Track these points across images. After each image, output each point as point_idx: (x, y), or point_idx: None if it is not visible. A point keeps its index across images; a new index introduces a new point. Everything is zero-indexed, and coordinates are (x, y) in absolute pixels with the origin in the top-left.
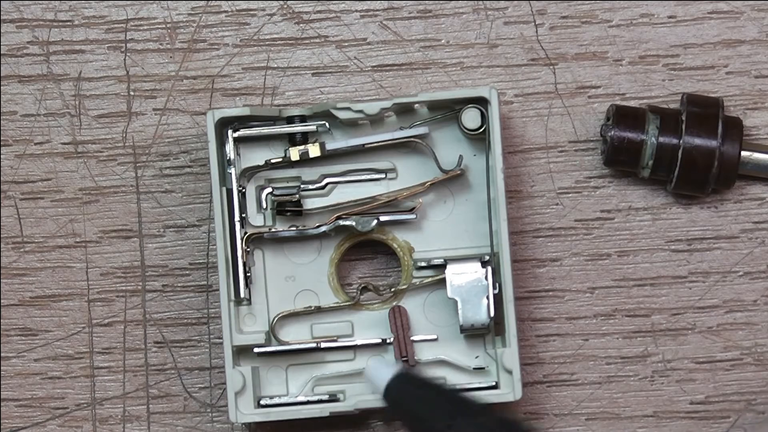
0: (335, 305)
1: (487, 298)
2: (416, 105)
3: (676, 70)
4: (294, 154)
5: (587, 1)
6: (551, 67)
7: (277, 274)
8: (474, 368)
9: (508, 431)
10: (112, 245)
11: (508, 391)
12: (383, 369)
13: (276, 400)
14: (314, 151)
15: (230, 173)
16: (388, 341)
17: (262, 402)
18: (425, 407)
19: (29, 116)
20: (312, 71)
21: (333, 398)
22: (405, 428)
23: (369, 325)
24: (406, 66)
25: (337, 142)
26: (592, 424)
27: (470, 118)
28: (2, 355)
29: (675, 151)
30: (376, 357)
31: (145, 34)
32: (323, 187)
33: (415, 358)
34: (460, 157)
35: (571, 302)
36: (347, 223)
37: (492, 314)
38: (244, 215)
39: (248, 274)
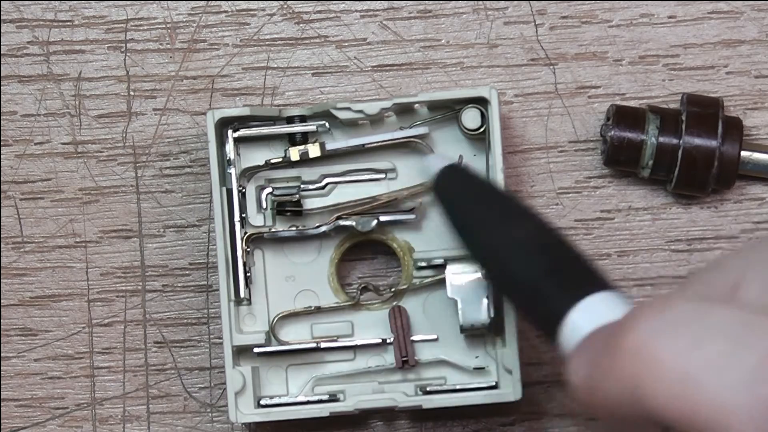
0: (335, 305)
1: (487, 298)
2: (416, 105)
3: (676, 70)
4: (294, 154)
5: (587, 1)
6: (551, 67)
7: (277, 274)
8: (474, 368)
9: (539, 243)
10: (112, 245)
11: (508, 391)
12: (437, 161)
13: (276, 400)
14: (314, 151)
15: (230, 173)
16: (388, 341)
17: (262, 402)
18: (463, 203)
19: (29, 116)
20: (312, 71)
21: (333, 398)
22: (447, 223)
23: (369, 325)
24: (406, 66)
25: (337, 142)
26: (592, 424)
27: (470, 118)
28: (2, 355)
29: (675, 151)
30: (436, 153)
31: (145, 34)
32: (323, 187)
33: (415, 357)
34: (460, 157)
35: None
36: (347, 223)
37: (492, 314)
38: (244, 215)
39: (248, 274)
